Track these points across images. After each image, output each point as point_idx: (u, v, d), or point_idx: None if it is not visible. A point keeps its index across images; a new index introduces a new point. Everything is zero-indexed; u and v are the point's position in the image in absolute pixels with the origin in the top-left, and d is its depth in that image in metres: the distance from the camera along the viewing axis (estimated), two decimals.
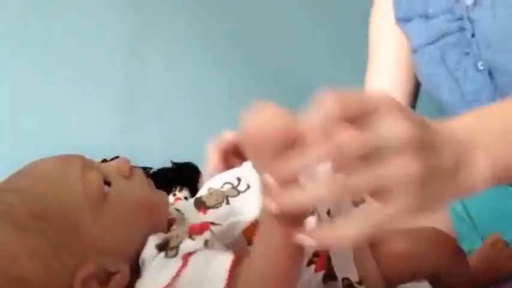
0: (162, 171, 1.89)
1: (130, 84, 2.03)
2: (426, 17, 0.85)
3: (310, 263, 0.56)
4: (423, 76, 0.89)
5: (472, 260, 0.72)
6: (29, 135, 1.82)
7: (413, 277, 0.66)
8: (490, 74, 0.80)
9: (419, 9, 0.86)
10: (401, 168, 0.39)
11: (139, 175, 0.57)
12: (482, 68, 0.80)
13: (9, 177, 0.53)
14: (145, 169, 1.84)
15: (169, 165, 1.97)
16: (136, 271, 0.53)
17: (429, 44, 0.85)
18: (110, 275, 0.52)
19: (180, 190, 0.59)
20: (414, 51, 0.88)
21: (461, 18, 0.80)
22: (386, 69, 0.96)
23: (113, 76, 2.00)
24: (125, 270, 0.52)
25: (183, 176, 1.84)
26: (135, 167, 0.58)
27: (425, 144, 0.40)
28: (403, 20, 0.90)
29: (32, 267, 0.48)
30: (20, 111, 1.84)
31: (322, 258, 0.56)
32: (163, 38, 2.09)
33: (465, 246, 0.74)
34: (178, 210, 0.59)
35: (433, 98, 0.90)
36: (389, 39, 0.95)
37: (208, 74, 2.16)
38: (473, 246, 0.79)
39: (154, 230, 0.54)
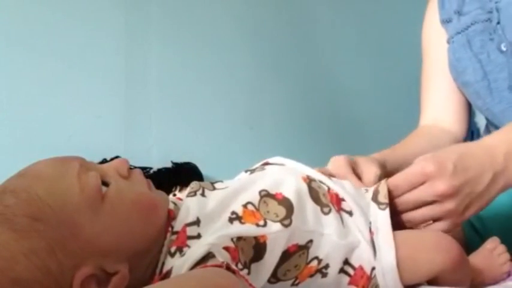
0: (162, 171, 1.89)
1: (130, 84, 2.03)
2: (459, 13, 1.01)
3: None
4: (452, 61, 1.02)
5: (471, 261, 0.72)
6: (30, 135, 1.82)
7: (415, 281, 0.66)
8: None
9: (455, 6, 1.02)
10: (442, 209, 0.68)
11: (138, 175, 0.57)
12: (504, 49, 0.93)
13: (8, 179, 0.53)
14: (145, 169, 1.84)
15: (169, 165, 1.98)
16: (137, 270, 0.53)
17: (458, 33, 1.00)
18: (109, 275, 0.51)
19: (180, 190, 0.59)
20: (447, 42, 1.03)
21: (490, 11, 0.94)
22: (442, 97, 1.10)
23: (113, 76, 2.00)
24: (124, 270, 0.52)
25: (183, 176, 1.84)
26: (134, 168, 0.58)
27: (459, 187, 0.66)
28: (445, 21, 1.05)
29: (30, 268, 0.47)
30: (20, 112, 1.84)
31: None
32: (163, 38, 2.09)
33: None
34: (175, 203, 0.59)
35: (455, 81, 1.04)
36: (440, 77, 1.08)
37: (208, 73, 2.16)
38: None
39: (153, 230, 0.54)
